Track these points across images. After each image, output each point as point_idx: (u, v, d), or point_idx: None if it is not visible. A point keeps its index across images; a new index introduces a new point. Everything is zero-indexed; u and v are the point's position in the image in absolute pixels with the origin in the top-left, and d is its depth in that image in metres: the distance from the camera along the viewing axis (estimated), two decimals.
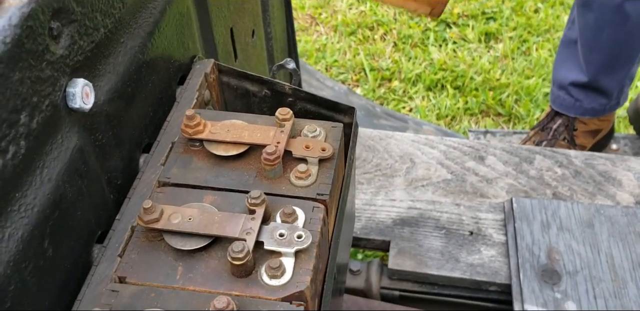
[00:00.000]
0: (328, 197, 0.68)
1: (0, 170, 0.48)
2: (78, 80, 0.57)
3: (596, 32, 1.78)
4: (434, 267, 1.47)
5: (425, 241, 1.52)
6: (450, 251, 1.51)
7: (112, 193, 0.67)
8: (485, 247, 1.53)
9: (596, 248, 1.55)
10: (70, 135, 0.58)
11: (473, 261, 1.50)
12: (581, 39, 1.85)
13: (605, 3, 1.71)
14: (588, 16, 1.77)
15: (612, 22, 1.74)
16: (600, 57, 1.84)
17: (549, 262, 1.51)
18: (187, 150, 0.70)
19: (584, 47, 1.85)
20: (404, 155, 1.66)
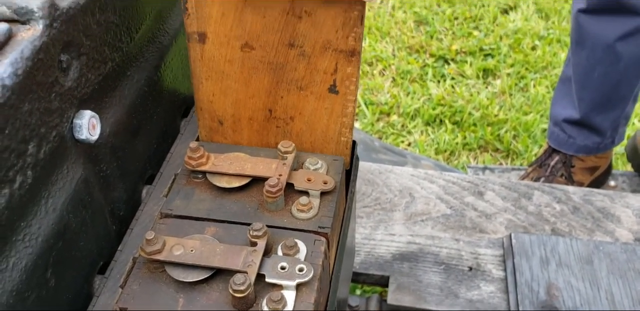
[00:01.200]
0: (329, 230, 0.68)
1: (7, 200, 0.49)
2: (85, 112, 0.58)
3: (588, 70, 1.81)
4: (433, 303, 1.46)
5: (424, 277, 1.51)
6: (450, 286, 1.50)
7: (115, 224, 0.67)
8: (484, 283, 1.52)
9: (596, 284, 1.55)
10: (75, 166, 0.58)
11: (472, 297, 1.49)
12: (574, 76, 1.88)
13: (597, 42, 1.74)
14: (581, 54, 1.81)
15: (603, 62, 1.77)
16: (591, 95, 1.86)
17: (548, 298, 1.50)
18: (190, 181, 0.71)
19: (577, 84, 1.88)
20: (403, 189, 1.67)
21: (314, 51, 0.65)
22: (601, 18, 1.73)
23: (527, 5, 3.25)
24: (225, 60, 0.66)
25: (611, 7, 1.68)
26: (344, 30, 0.63)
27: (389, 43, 2.92)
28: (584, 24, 1.75)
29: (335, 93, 0.69)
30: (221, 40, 0.64)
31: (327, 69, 0.67)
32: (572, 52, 1.85)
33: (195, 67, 0.67)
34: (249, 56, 0.66)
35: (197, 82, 0.69)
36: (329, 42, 0.64)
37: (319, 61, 0.66)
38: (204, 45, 0.65)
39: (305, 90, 0.69)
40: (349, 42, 0.64)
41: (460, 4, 3.26)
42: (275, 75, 0.67)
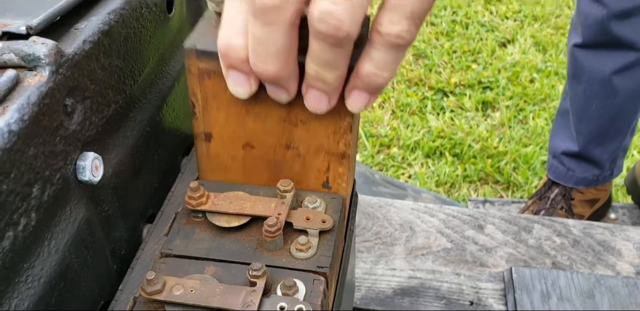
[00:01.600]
0: (328, 269, 0.69)
1: (11, 242, 0.49)
2: (88, 154, 0.60)
3: (585, 103, 1.83)
4: None
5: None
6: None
7: (116, 263, 0.68)
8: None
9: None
10: (78, 207, 0.59)
11: None
12: (572, 109, 1.90)
13: (593, 76, 1.77)
14: (578, 88, 1.83)
15: (600, 95, 1.79)
16: (589, 128, 1.88)
17: None
18: (190, 221, 0.72)
19: (575, 117, 1.90)
20: (403, 223, 1.67)
21: (309, 153, 0.71)
22: (597, 52, 1.76)
23: (524, 39, 3.30)
24: (229, 157, 0.72)
25: (607, 41, 1.71)
26: (335, 136, 0.68)
27: None
28: (580, 58, 1.78)
29: (328, 189, 0.76)
30: (225, 140, 0.70)
31: (321, 168, 0.73)
32: (569, 86, 1.88)
33: (201, 162, 0.72)
34: (250, 154, 0.72)
35: (203, 174, 0.74)
36: (322, 145, 0.70)
37: (313, 161, 0.72)
38: (209, 143, 0.71)
39: (300, 184, 0.75)
40: (339, 146, 0.70)
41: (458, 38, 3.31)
42: (274, 171, 0.74)
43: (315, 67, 0.51)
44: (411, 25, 0.47)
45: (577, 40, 1.76)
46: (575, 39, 1.77)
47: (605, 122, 1.84)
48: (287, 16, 0.46)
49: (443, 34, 3.30)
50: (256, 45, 0.49)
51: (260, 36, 0.47)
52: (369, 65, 0.51)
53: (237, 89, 0.58)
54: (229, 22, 0.52)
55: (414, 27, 0.47)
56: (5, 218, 0.49)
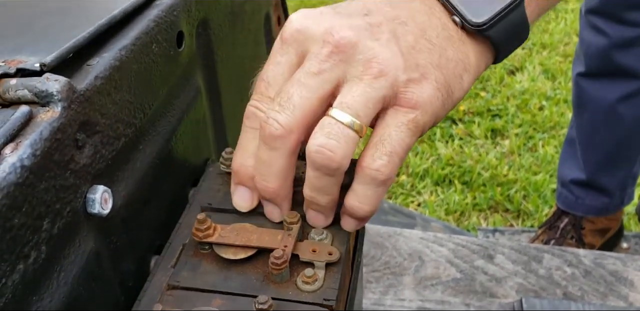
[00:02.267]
0: (334, 302, 0.69)
1: (22, 275, 0.50)
2: (98, 187, 0.61)
3: (591, 132, 1.84)
4: None
5: None
6: None
7: (124, 295, 0.69)
8: None
9: None
10: (87, 239, 0.60)
11: None
12: (578, 137, 1.90)
13: (598, 105, 1.78)
14: (583, 116, 1.84)
15: (606, 123, 1.79)
16: (596, 157, 1.88)
17: None
18: (197, 253, 0.72)
19: (581, 146, 1.90)
20: (412, 252, 1.67)
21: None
22: (601, 81, 1.77)
23: (533, 66, 3.32)
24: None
25: (610, 70, 1.72)
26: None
27: None
28: (584, 87, 1.79)
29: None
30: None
31: None
32: (575, 115, 1.89)
33: None
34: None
35: None
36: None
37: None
38: None
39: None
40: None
41: None
42: None
43: (310, 192, 0.62)
44: (390, 161, 0.55)
45: (581, 69, 1.77)
46: (579, 68, 1.78)
47: (612, 149, 1.84)
48: (289, 144, 0.56)
49: None
50: (261, 166, 0.60)
51: (265, 158, 0.58)
52: (353, 199, 0.61)
53: (241, 203, 0.71)
54: (243, 146, 0.64)
55: (393, 163, 0.55)
56: (16, 252, 0.50)
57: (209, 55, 0.87)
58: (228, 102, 0.94)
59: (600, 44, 1.68)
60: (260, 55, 1.05)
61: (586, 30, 1.71)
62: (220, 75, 0.90)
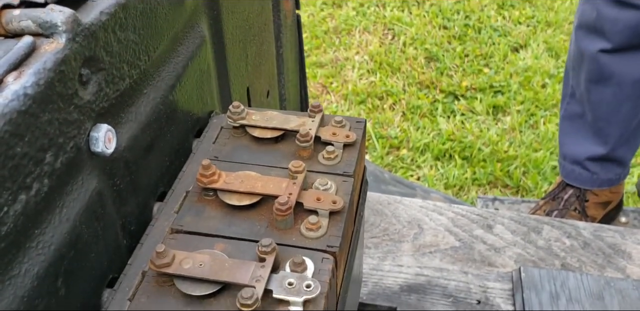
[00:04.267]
0: (338, 249, 0.68)
1: (23, 206, 0.50)
2: (102, 126, 0.60)
3: (615, 106, 1.82)
4: None
5: (432, 309, 1.49)
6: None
7: (126, 239, 0.68)
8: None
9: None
10: (90, 178, 0.60)
11: None
12: (595, 113, 1.88)
13: (624, 79, 1.76)
14: (604, 91, 1.81)
15: (631, 97, 1.78)
16: (620, 131, 1.87)
17: None
18: (201, 199, 0.72)
19: (601, 121, 1.88)
20: (412, 220, 1.67)
21: None
22: (627, 55, 1.75)
23: (537, 44, 3.30)
24: None
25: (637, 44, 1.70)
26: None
27: (400, 78, 2.96)
28: (607, 63, 1.77)
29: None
30: None
31: None
32: (589, 91, 1.86)
33: None
34: None
35: None
36: None
37: None
38: None
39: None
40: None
41: (470, 42, 3.31)
42: None
43: None
44: None
45: (604, 46, 1.74)
46: (600, 45, 1.75)
47: (635, 122, 1.84)
48: None
49: (455, 38, 3.29)
50: None
51: None
52: None
53: None
54: None
55: None
56: (18, 181, 0.49)
57: (215, 5, 0.85)
58: (233, 55, 0.92)
59: (629, 19, 1.66)
60: (265, 11, 1.03)
61: (608, 7, 1.69)
62: (225, 26, 0.88)
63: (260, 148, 0.79)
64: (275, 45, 1.11)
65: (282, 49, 1.12)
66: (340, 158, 0.78)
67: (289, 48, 1.17)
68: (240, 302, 0.57)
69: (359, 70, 2.98)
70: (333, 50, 3.15)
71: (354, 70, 2.97)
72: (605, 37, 1.74)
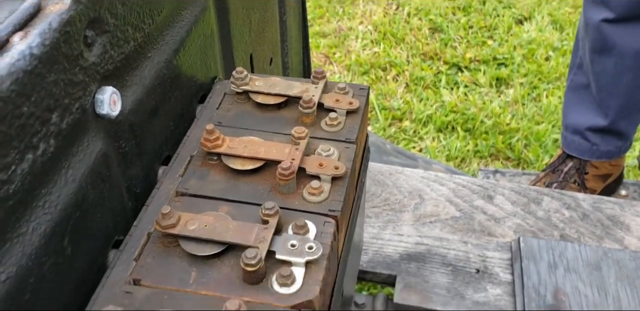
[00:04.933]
0: (339, 214, 0.69)
1: (30, 165, 0.50)
2: (107, 88, 0.60)
3: (616, 77, 1.81)
4: (439, 303, 1.47)
5: (431, 277, 1.51)
6: (457, 288, 1.50)
7: (131, 201, 0.69)
8: (491, 285, 1.53)
9: (603, 291, 1.54)
10: (95, 140, 0.60)
11: (479, 299, 1.49)
12: (598, 84, 1.87)
13: (625, 49, 1.75)
14: (606, 62, 1.80)
15: (632, 68, 1.77)
16: (620, 102, 1.86)
17: (555, 303, 1.49)
18: (205, 163, 0.73)
19: (603, 92, 1.87)
20: (413, 190, 1.68)
21: None
22: (629, 26, 1.74)
23: (541, 17, 3.26)
24: None
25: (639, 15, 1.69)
26: None
27: (404, 49, 2.94)
28: (609, 33, 1.76)
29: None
30: None
31: None
32: (593, 61, 1.85)
33: None
34: None
35: None
36: None
37: None
38: None
39: None
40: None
41: (475, 13, 3.28)
42: None
43: None
44: None
45: (607, 15, 1.73)
46: (604, 15, 1.74)
47: (636, 94, 1.83)
48: None
49: (460, 9, 3.26)
50: None
51: None
52: None
53: None
54: None
55: None
56: (25, 141, 0.50)
57: None
58: (236, 21, 0.92)
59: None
60: None
61: None
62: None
63: (264, 114, 0.80)
64: (278, 12, 1.10)
65: (285, 16, 1.11)
66: (343, 125, 0.79)
67: (292, 15, 1.17)
68: (244, 262, 0.58)
69: (363, 40, 2.96)
70: (336, 20, 3.12)
71: (357, 41, 2.95)
72: (609, 6, 1.72)
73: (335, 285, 0.71)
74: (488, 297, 1.50)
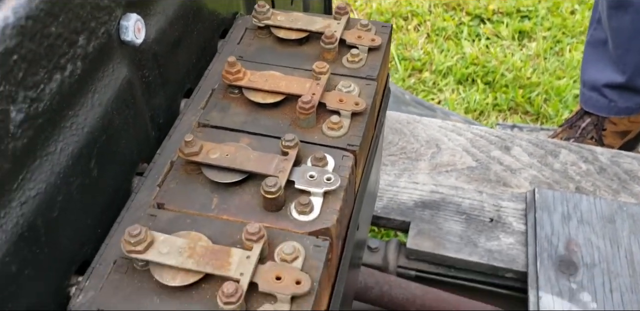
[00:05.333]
0: (358, 148, 0.70)
1: (58, 85, 0.51)
2: (131, 15, 0.61)
3: (632, 34, 1.78)
4: (452, 250, 1.49)
5: (445, 225, 1.53)
6: (470, 236, 1.52)
7: (154, 130, 0.70)
8: (504, 234, 1.54)
9: (616, 243, 1.56)
10: (120, 67, 0.61)
11: (491, 247, 1.51)
12: (615, 40, 1.84)
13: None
14: (623, 18, 1.77)
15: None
16: (636, 59, 1.83)
17: (567, 253, 1.51)
18: (227, 96, 0.73)
19: (620, 49, 1.84)
20: (430, 140, 1.68)
21: None
22: None
23: None
24: None
25: None
26: None
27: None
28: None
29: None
30: None
31: None
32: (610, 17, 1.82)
33: None
34: None
35: None
36: None
37: None
38: None
39: None
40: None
41: None
42: None
43: None
44: None
45: None
46: None
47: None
48: None
49: None
50: None
51: None
52: None
53: None
54: None
55: None
56: (53, 61, 0.51)
57: None
58: None
59: None
60: None
61: None
62: None
63: (285, 49, 0.80)
64: None
65: None
66: (365, 61, 0.79)
67: None
68: (264, 190, 0.60)
69: None
70: None
71: None
72: None
73: (351, 219, 0.72)
74: (501, 246, 1.52)
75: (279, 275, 0.55)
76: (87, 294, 0.56)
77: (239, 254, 0.56)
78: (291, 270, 0.56)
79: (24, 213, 0.50)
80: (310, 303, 0.55)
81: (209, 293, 0.55)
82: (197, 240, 0.57)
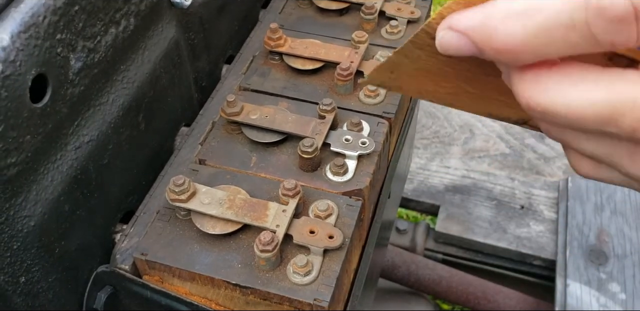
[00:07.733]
0: (393, 116, 0.72)
1: (113, 39, 0.54)
2: None
3: None
4: (480, 235, 1.50)
5: (474, 210, 1.54)
6: (499, 222, 1.53)
7: (197, 92, 0.73)
8: (534, 222, 1.55)
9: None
10: (169, 27, 0.64)
11: (521, 234, 1.52)
12: None
13: None
14: None
15: None
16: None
17: (597, 243, 1.51)
18: (267, 62, 0.76)
19: None
20: (464, 125, 1.69)
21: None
22: None
23: None
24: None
25: None
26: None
27: None
28: None
29: None
30: None
31: None
32: None
33: None
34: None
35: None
36: None
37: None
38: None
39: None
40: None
41: None
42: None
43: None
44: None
45: None
46: None
47: None
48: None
49: None
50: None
51: None
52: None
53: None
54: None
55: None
56: (109, 14, 0.53)
57: None
58: None
59: None
60: None
61: None
62: None
63: (325, 19, 0.82)
64: None
65: None
66: (403, 33, 0.80)
67: None
68: (301, 150, 0.62)
69: None
70: None
71: None
72: None
73: (384, 186, 0.74)
74: (530, 233, 1.52)
75: (313, 229, 0.58)
76: (131, 240, 0.59)
77: (275, 207, 0.58)
78: (324, 225, 0.58)
79: (77, 157, 0.53)
80: (342, 258, 0.57)
81: (245, 243, 0.58)
82: (237, 193, 0.60)
